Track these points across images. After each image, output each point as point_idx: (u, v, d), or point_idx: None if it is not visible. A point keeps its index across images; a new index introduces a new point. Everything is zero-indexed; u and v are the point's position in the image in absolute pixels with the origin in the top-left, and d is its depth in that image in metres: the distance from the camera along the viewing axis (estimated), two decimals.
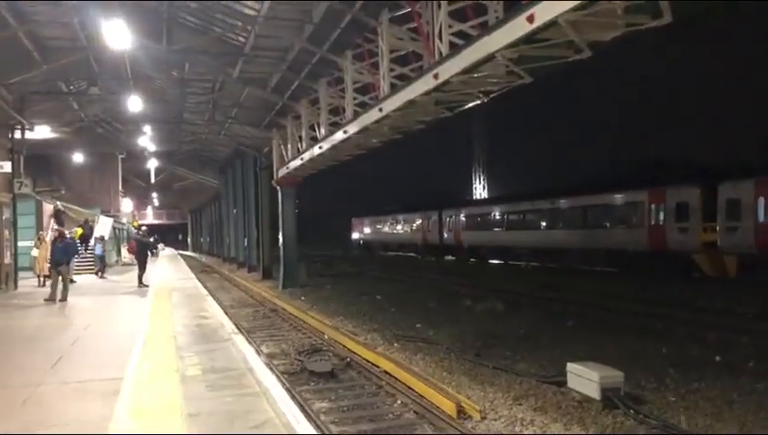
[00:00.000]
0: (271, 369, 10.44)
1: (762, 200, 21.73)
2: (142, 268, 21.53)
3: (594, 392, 8.66)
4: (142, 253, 22.20)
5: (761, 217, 21.69)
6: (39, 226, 26.86)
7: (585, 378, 8.93)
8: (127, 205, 46.89)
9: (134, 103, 22.32)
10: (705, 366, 10.71)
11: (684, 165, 35.23)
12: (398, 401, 9.51)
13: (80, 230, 29.35)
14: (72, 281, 22.07)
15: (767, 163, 32.84)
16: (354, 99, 16.94)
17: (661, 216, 26.07)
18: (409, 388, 9.82)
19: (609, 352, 11.84)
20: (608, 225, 29.62)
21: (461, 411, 8.48)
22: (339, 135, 18.01)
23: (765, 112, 53.67)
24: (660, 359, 11.36)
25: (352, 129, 16.74)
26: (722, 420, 7.99)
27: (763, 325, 13.61)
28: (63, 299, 16.31)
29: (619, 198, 29.30)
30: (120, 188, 41.53)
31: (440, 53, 11.27)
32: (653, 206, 26.56)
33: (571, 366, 9.39)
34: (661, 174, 29.52)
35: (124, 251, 37.07)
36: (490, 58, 9.77)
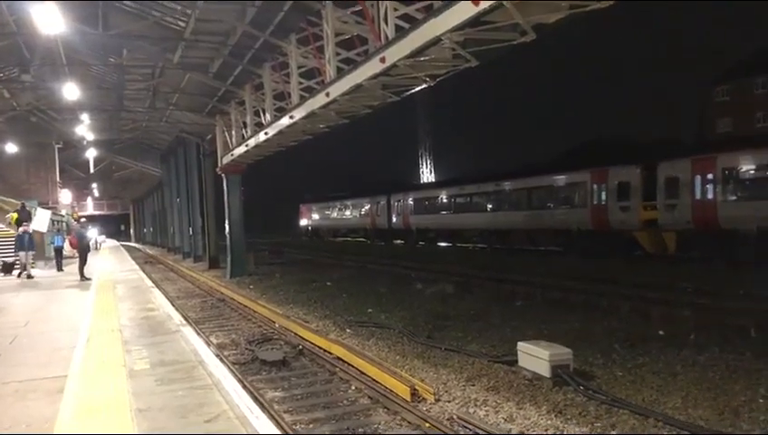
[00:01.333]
0: (222, 360, 10.27)
1: (698, 178, 22.49)
2: (83, 261, 20.85)
3: (544, 370, 8.83)
4: (83, 246, 21.49)
5: (698, 195, 22.47)
6: None
7: (535, 356, 9.09)
8: (65, 196, 45.23)
9: (70, 91, 21.43)
10: (649, 341, 11.05)
11: (624, 145, 36.24)
12: (353, 387, 9.49)
13: (15, 215, 28.10)
14: (29, 277, 21.28)
15: (704, 142, 34.13)
16: (300, 84, 16.71)
17: (603, 195, 26.72)
18: (363, 373, 9.82)
19: (558, 330, 12.11)
20: (552, 205, 30.20)
21: (415, 394, 8.52)
22: (285, 120, 17.75)
23: (703, 94, 55.46)
24: (607, 335, 11.67)
25: (298, 114, 16.52)
26: (666, 393, 8.25)
27: (702, 299, 14.11)
28: None
29: (562, 179, 29.88)
30: (58, 178, 40.02)
31: (386, 37, 11.19)
32: (595, 186, 27.19)
33: (521, 345, 9.54)
34: (603, 155, 30.23)
35: (66, 244, 35.78)
36: (436, 41, 9.74)
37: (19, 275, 21.68)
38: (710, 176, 22.13)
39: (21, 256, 22.14)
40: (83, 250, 21.31)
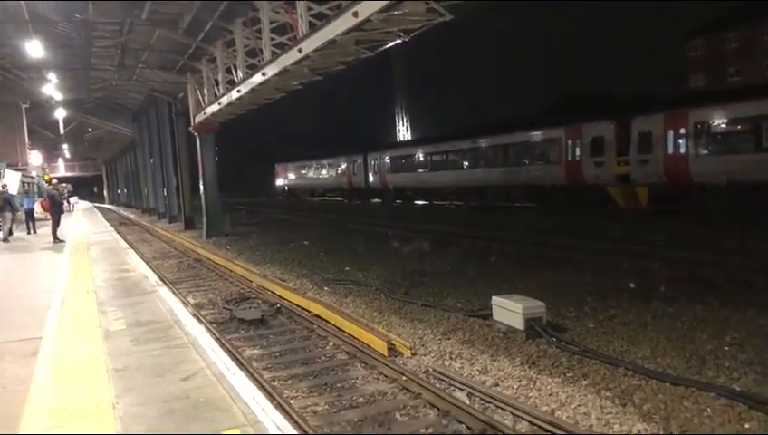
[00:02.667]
0: (198, 319, 10.30)
1: (671, 133, 22.71)
2: (56, 223, 20.58)
3: (518, 323, 8.98)
4: (55, 208, 21.17)
5: (670, 149, 22.72)
6: None
7: (509, 310, 9.24)
8: (35, 158, 44.33)
9: (34, 49, 20.84)
10: (620, 293, 11.27)
11: (600, 101, 36.36)
12: (330, 344, 9.59)
13: None
14: (5, 240, 20.88)
15: (676, 97, 34.35)
16: (272, 40, 16.39)
17: (577, 151, 26.91)
18: (341, 330, 9.91)
19: (532, 285, 12.27)
20: (527, 162, 30.36)
21: (392, 349, 8.63)
22: (257, 78, 17.46)
23: (677, 48, 55.62)
24: (579, 288, 11.87)
25: (271, 71, 16.25)
26: (636, 343, 8.46)
27: (672, 252, 14.39)
28: None
29: (537, 135, 29.97)
30: (27, 140, 39.13)
31: None
32: (570, 142, 27.34)
33: (495, 299, 9.68)
34: (577, 110, 30.36)
35: (37, 206, 35.26)
36: None
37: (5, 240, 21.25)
38: (682, 130, 22.36)
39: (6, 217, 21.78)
40: (56, 212, 21.01)
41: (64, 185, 27.49)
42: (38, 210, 26.21)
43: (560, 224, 21.79)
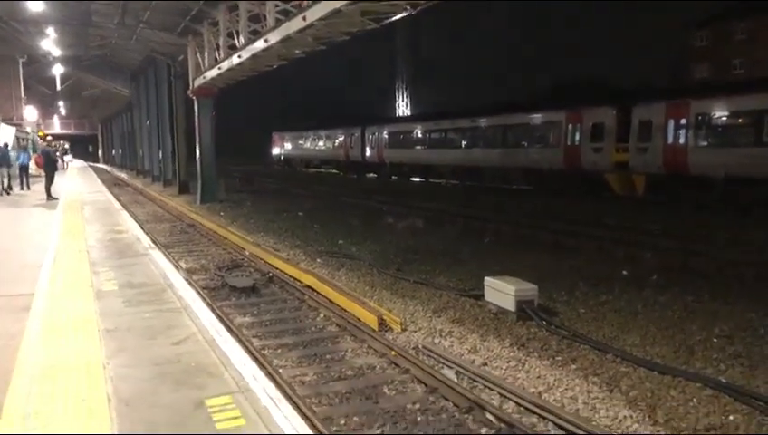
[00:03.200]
0: (191, 284, 10.27)
1: (672, 122, 22.63)
2: (50, 180, 20.46)
3: (509, 305, 9.01)
4: (49, 165, 21.03)
5: (670, 139, 22.66)
6: None
7: (501, 291, 9.26)
8: (31, 113, 43.92)
9: (34, 2, 20.49)
10: (612, 280, 11.31)
11: (600, 87, 36.20)
12: (321, 315, 9.61)
13: None
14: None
15: (678, 87, 34.22)
16: (276, 6, 16.20)
17: (577, 136, 26.81)
18: (332, 302, 9.93)
19: (525, 267, 12.30)
20: (526, 144, 30.25)
21: (382, 324, 8.66)
22: (259, 44, 17.27)
23: (680, 38, 55.24)
24: (572, 273, 11.91)
25: (274, 38, 16.07)
26: (626, 331, 8.50)
27: (665, 242, 14.43)
28: None
29: (537, 117, 29.83)
30: (23, 94, 38.74)
31: None
32: (570, 126, 27.23)
33: (487, 280, 9.69)
34: (577, 95, 30.20)
35: (32, 163, 35.03)
36: None
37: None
38: (683, 121, 22.28)
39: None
40: (50, 169, 20.88)
41: (61, 142, 27.31)
42: (32, 167, 26.02)
43: (555, 208, 21.79)
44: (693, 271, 11.84)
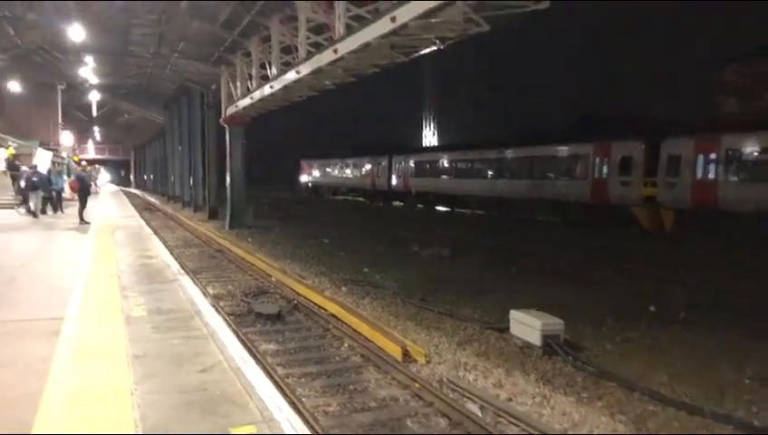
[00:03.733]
0: (218, 311, 10.37)
1: (701, 157, 22.42)
2: (83, 204, 20.89)
3: (535, 339, 8.94)
4: (83, 189, 21.46)
5: (699, 174, 22.43)
6: None
7: (527, 325, 9.20)
8: (67, 138, 45.04)
9: (75, 32, 21.20)
10: (640, 316, 11.15)
11: (626, 120, 35.96)
12: (345, 345, 9.63)
13: (11, 151, 27.93)
14: (35, 215, 21.29)
15: (707, 121, 33.87)
16: (308, 38, 16.49)
17: (605, 169, 26.67)
18: (356, 331, 9.94)
19: (551, 300, 12.18)
20: (552, 176, 30.16)
21: (406, 355, 8.65)
22: (291, 75, 17.57)
23: (707, 72, 54.90)
24: (599, 308, 11.77)
25: (305, 69, 16.35)
26: (653, 368, 8.37)
27: (694, 278, 14.22)
28: None
29: (564, 150, 29.77)
30: (60, 120, 39.81)
31: None
32: (597, 159, 27.11)
33: (513, 313, 9.64)
34: (604, 128, 30.06)
35: (66, 187, 35.86)
36: (449, 3, 9.61)
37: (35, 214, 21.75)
38: (713, 156, 22.07)
39: (31, 195, 22.30)
40: (84, 194, 21.31)
41: (97, 167, 28.08)
42: (67, 191, 26.58)
43: (582, 241, 21.62)
44: (723, 308, 11.62)
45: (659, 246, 19.91)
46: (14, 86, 33.75)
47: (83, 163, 28.76)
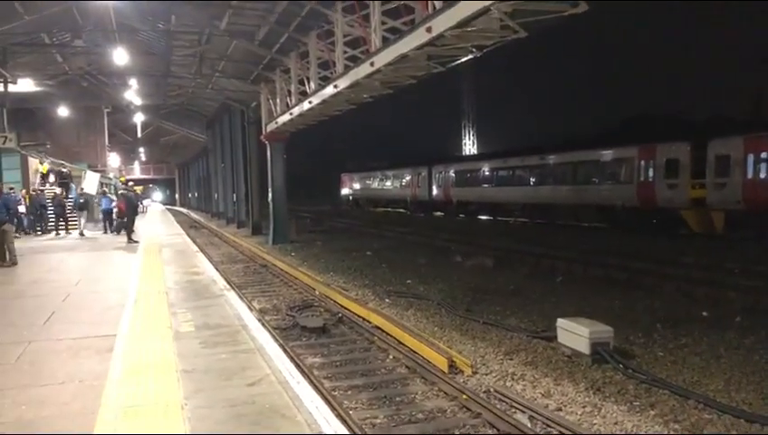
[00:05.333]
0: (264, 325, 10.48)
1: (751, 156, 21.79)
2: (131, 224, 21.40)
3: (584, 347, 8.78)
4: (130, 209, 22.00)
5: (749, 174, 21.79)
6: (25, 181, 26.53)
7: (575, 333, 9.04)
8: (113, 160, 46.36)
9: (119, 56, 21.85)
10: (692, 321, 10.87)
11: (670, 121, 35.19)
12: (390, 356, 9.61)
13: (45, 167, 28.84)
14: (81, 234, 22.14)
15: (755, 119, 32.93)
16: (344, 53, 16.66)
17: (651, 172, 26.12)
18: (401, 343, 9.92)
19: (599, 308, 12.01)
20: (597, 181, 29.66)
21: (452, 366, 8.59)
22: (329, 90, 17.76)
23: (754, 68, 53.42)
24: (648, 314, 11.52)
25: (343, 83, 16.50)
26: (708, 375, 8.14)
27: (748, 281, 13.78)
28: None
29: (608, 154, 29.26)
30: (107, 142, 40.99)
31: (433, 7, 11.05)
32: (643, 162, 26.57)
33: (560, 322, 9.49)
34: (649, 130, 29.47)
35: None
36: (485, 11, 9.58)
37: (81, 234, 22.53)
38: (763, 154, 21.42)
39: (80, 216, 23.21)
40: (131, 213, 21.84)
41: (150, 186, 28.94)
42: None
43: (629, 246, 21.18)
44: None
45: (710, 250, 19.35)
46: (63, 111, 34.89)
47: (130, 184, 29.44)
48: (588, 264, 17.56)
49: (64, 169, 27.86)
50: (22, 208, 23.63)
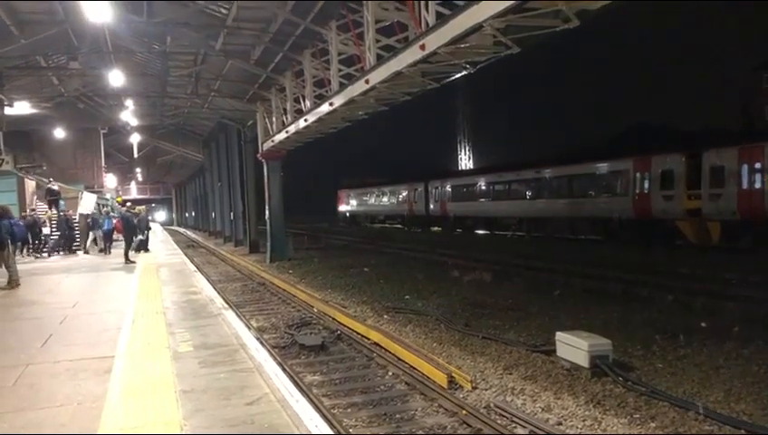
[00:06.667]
0: (262, 343, 10.45)
1: (745, 167, 21.91)
2: (128, 245, 21.37)
3: (583, 361, 8.77)
4: (129, 230, 21.97)
5: (744, 184, 21.89)
6: (21, 203, 26.51)
7: (574, 346, 9.04)
8: (110, 180, 46.36)
9: (115, 78, 21.93)
10: (691, 332, 10.87)
11: (667, 133, 35.40)
12: (390, 373, 9.59)
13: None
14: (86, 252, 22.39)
15: (748, 130, 33.15)
16: (339, 71, 16.77)
17: (646, 184, 26.24)
18: (400, 359, 9.91)
19: (597, 321, 12.01)
20: (593, 193, 29.76)
21: (452, 382, 8.58)
22: (324, 107, 17.86)
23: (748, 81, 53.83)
24: (647, 326, 11.51)
25: (338, 101, 16.60)
26: (708, 386, 8.13)
27: (747, 291, 13.81)
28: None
29: (604, 166, 29.40)
30: (103, 163, 41.02)
31: (427, 24, 11.16)
32: (638, 174, 26.70)
33: (559, 335, 9.49)
34: (644, 142, 29.64)
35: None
36: (477, 28, 9.68)
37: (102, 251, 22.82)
38: (758, 165, 21.54)
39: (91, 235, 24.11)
40: (129, 234, 21.82)
41: (144, 207, 28.95)
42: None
43: (626, 258, 21.23)
44: None
45: (707, 260, 19.39)
46: (60, 133, 34.97)
47: (129, 204, 29.42)
48: (585, 277, 17.58)
49: (54, 187, 27.83)
50: (46, 230, 24.52)
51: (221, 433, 4.95)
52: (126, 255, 20.91)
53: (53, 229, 24.94)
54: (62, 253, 24.21)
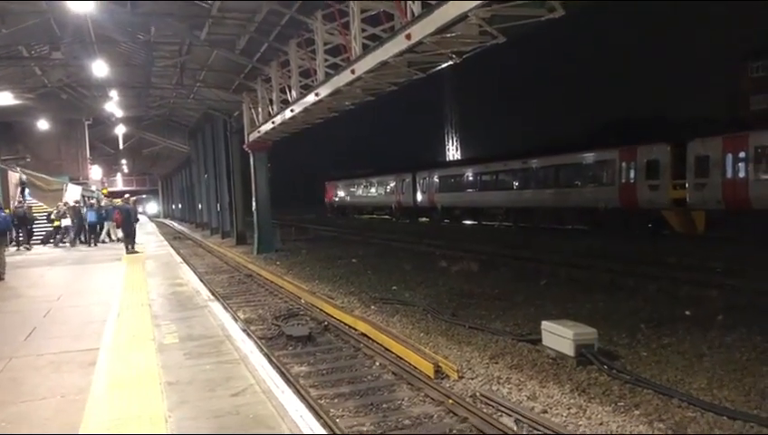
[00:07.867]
0: (248, 335, 10.44)
1: (729, 156, 22.06)
2: (127, 236, 21.24)
3: (568, 349, 8.83)
4: (127, 222, 21.77)
5: (729, 174, 22.06)
6: (5, 195, 26.21)
7: (559, 335, 9.09)
8: (96, 172, 45.94)
9: (99, 68, 21.67)
10: (675, 321, 10.97)
11: (652, 122, 35.54)
12: (377, 363, 9.60)
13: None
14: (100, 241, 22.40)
15: (733, 119, 33.38)
16: (325, 61, 16.67)
17: (632, 173, 26.37)
18: (387, 350, 9.92)
19: (583, 310, 12.10)
20: (579, 183, 29.88)
21: (439, 371, 8.60)
22: (310, 98, 17.75)
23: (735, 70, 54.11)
24: (632, 315, 11.61)
25: (324, 91, 16.50)
26: (692, 374, 8.21)
27: (731, 280, 13.94)
28: None
29: (590, 156, 29.51)
30: (88, 155, 40.62)
31: (412, 13, 11.09)
32: (624, 164, 26.82)
33: (545, 324, 9.54)
34: (630, 132, 29.75)
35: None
36: (463, 17, 9.62)
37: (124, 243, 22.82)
38: (742, 154, 21.70)
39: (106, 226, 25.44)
40: (127, 225, 21.63)
41: (136, 198, 28.89)
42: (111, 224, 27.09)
43: (612, 248, 21.36)
44: (763, 310, 11.34)
45: (692, 249, 19.55)
46: (43, 124, 34.58)
47: (126, 195, 29.23)
48: (572, 266, 17.66)
49: (23, 176, 27.65)
50: (66, 222, 24.86)
51: (207, 430, 4.94)
52: (126, 246, 20.81)
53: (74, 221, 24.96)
54: (68, 244, 24.59)
